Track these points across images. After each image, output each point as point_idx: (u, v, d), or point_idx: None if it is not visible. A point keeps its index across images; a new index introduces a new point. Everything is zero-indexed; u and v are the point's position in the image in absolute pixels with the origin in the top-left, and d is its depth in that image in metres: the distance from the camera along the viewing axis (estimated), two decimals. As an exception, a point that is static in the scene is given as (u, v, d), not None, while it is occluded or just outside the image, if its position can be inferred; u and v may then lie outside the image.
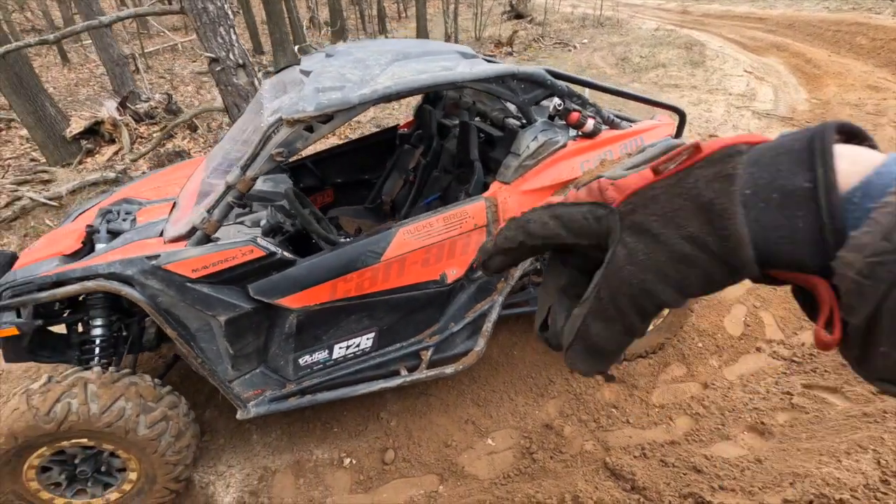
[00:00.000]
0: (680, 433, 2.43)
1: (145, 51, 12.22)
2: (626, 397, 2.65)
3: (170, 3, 3.96)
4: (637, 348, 2.80)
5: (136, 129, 6.31)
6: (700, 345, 2.96)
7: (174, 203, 2.34)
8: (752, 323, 3.10)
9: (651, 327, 2.79)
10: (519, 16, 14.55)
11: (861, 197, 0.28)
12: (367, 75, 1.97)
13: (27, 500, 1.95)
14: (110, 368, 2.03)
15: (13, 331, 1.96)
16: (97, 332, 2.15)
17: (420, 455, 2.41)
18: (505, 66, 2.14)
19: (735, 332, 3.06)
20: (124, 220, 2.32)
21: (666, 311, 2.78)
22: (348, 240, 2.12)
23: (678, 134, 2.52)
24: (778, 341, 2.97)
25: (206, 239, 1.88)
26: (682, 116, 2.50)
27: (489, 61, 2.40)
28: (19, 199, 4.63)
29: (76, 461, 1.98)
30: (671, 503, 2.02)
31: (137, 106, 6.63)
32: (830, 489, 1.90)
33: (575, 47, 10.78)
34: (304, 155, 3.13)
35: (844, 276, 0.28)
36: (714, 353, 2.91)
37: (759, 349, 2.93)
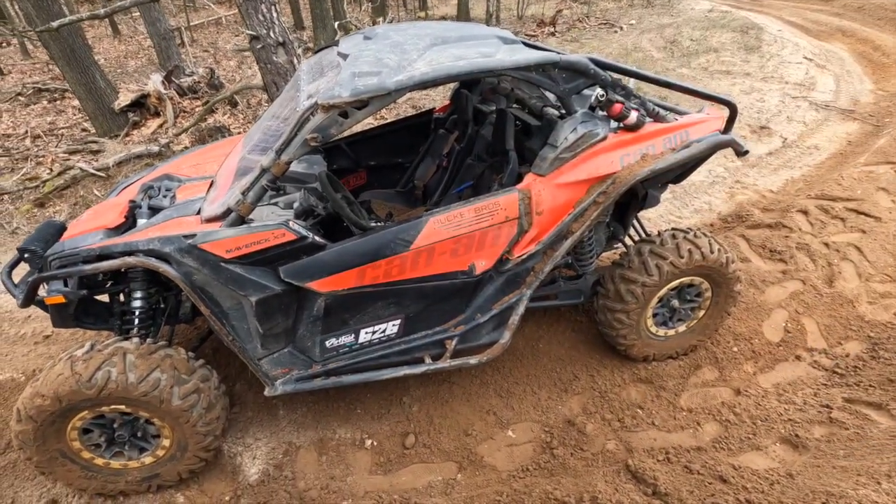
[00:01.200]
0: (707, 439, 2.36)
1: (190, 24, 12.44)
2: (653, 398, 2.59)
3: (214, -21, 3.99)
4: (667, 349, 2.73)
5: (179, 103, 6.47)
6: (735, 349, 2.85)
7: (212, 182, 2.38)
8: (794, 329, 2.96)
9: (684, 328, 2.71)
10: (564, -6, 14.02)
11: None
12: (404, 60, 1.94)
13: (70, 458, 2.07)
14: (148, 339, 2.11)
15: (60, 299, 2.07)
16: (136, 304, 2.24)
17: (440, 442, 2.43)
18: (546, 53, 2.05)
19: (774, 337, 2.93)
20: (164, 196, 2.39)
21: (701, 314, 2.69)
22: (378, 225, 2.12)
23: (727, 129, 2.38)
24: (820, 350, 2.83)
25: (241, 220, 1.91)
26: (732, 110, 2.36)
27: (529, 46, 2.32)
28: (70, 168, 4.84)
29: (115, 425, 2.08)
30: (693, 512, 1.98)
31: (182, 80, 6.78)
32: (866, 513, 1.81)
33: (621, 28, 10.34)
34: (339, 136, 3.12)
35: None
36: (749, 359, 2.80)
37: (798, 357, 2.80)
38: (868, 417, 2.35)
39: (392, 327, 2.26)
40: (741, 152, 2.43)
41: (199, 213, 2.09)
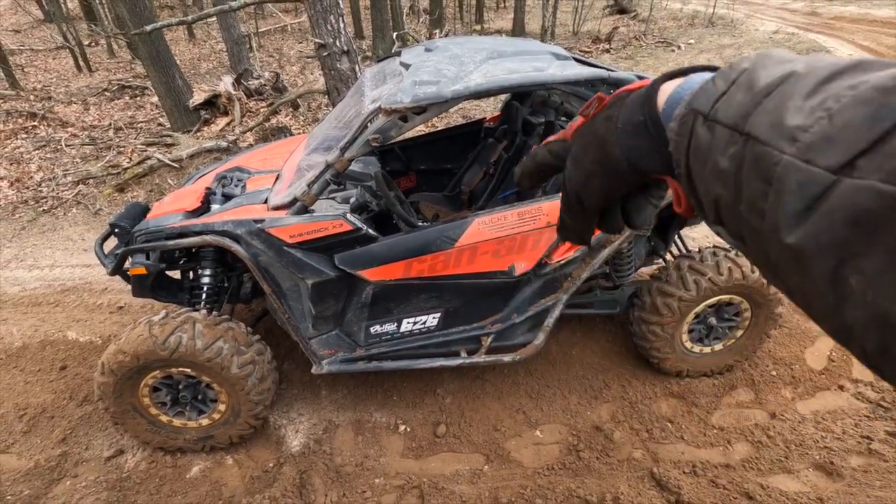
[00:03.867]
0: (737, 458, 2.36)
1: (259, 30, 13.22)
2: (684, 413, 2.61)
3: (289, -9, 4.32)
4: (702, 366, 2.73)
5: (246, 103, 6.93)
6: (774, 373, 2.82)
7: (278, 175, 2.62)
8: (838, 359, 2.89)
9: (720, 346, 2.71)
10: (622, 11, 14.00)
11: (671, 106, 0.42)
12: (461, 71, 2.09)
13: (140, 412, 2.33)
14: (213, 313, 2.34)
15: (142, 270, 2.34)
16: (206, 280, 2.48)
17: (470, 434, 2.54)
18: (596, 69, 2.16)
19: (816, 365, 2.87)
20: (236, 185, 2.64)
21: (739, 334, 2.68)
22: (426, 224, 2.27)
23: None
24: (866, 382, 2.75)
25: (304, 210, 2.11)
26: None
27: (581, 62, 2.42)
28: (148, 158, 5.30)
29: (180, 387, 2.32)
30: (716, 523, 2.00)
31: (249, 82, 7.27)
32: (897, 541, 1.78)
33: (679, 48, 10.21)
34: (394, 140, 3.32)
35: (670, 140, 0.41)
36: (788, 384, 2.76)
37: (841, 387, 2.73)
38: (911, 452, 2.28)
39: (432, 320, 2.40)
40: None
41: (265, 202, 2.32)
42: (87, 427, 2.64)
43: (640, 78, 2.19)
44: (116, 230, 2.46)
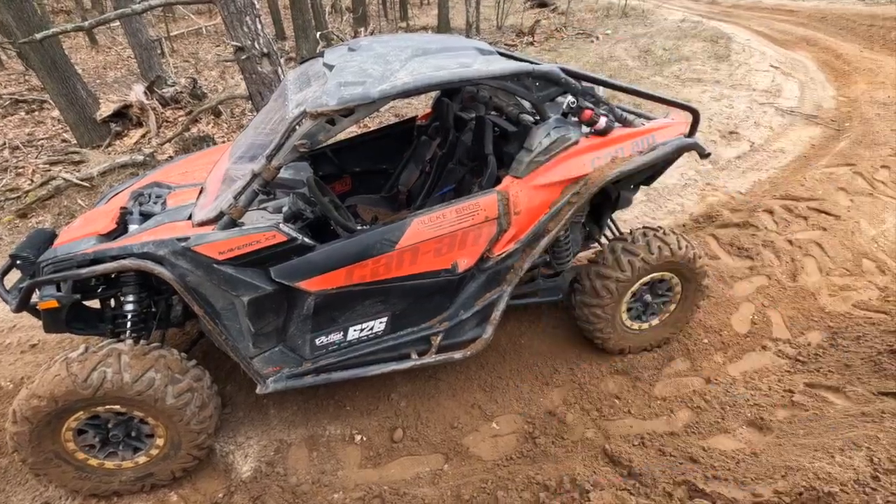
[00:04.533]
0: (680, 425, 2.50)
1: (170, 34, 12.42)
2: (629, 389, 2.73)
3: (198, -8, 4.07)
4: (642, 341, 2.87)
5: (162, 113, 6.49)
6: (706, 341, 3.01)
7: (201, 188, 2.46)
8: (760, 321, 3.14)
9: (657, 321, 2.86)
10: (542, 4, 14.41)
11: None
12: (387, 71, 2.05)
13: (65, 459, 2.11)
14: (141, 342, 2.17)
15: (53, 303, 2.11)
16: (129, 307, 2.29)
17: (427, 435, 2.52)
18: (520, 64, 2.20)
19: (742, 329, 3.10)
20: (155, 203, 2.45)
21: (672, 308, 2.84)
22: (365, 228, 2.22)
23: (691, 133, 2.55)
24: (784, 340, 3.01)
25: (233, 223, 2.00)
26: (695, 116, 2.53)
27: (506, 56, 2.45)
28: (53, 178, 4.84)
29: (109, 426, 2.13)
30: (665, 489, 2.10)
31: (164, 90, 6.81)
32: (820, 482, 1.96)
33: (597, 38, 10.65)
34: (324, 144, 3.22)
35: None
36: (719, 350, 2.96)
37: (764, 347, 2.97)
38: (826, 399, 2.51)
39: (379, 325, 2.35)
40: (704, 154, 2.60)
41: (189, 218, 2.17)
42: (3, 483, 2.37)
43: (564, 70, 2.26)
44: (19, 262, 2.20)
